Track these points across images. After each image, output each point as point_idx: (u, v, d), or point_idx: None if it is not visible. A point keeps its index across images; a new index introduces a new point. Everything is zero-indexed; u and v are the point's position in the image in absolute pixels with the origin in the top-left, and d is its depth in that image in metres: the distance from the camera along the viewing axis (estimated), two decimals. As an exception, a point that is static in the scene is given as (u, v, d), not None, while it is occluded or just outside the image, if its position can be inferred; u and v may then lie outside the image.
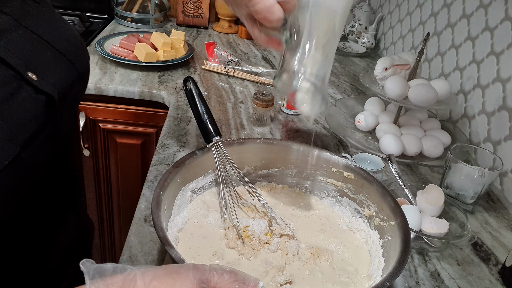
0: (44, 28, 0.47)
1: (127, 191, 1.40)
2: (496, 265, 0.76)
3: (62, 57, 0.48)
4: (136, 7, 1.66)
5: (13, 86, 0.39)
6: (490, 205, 0.92)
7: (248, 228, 0.65)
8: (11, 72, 0.39)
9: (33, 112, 0.41)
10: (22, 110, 0.40)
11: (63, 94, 0.46)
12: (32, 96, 0.41)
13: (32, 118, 0.41)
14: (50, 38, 0.47)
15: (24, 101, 0.40)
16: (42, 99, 0.42)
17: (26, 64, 0.41)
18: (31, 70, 0.42)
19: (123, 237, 1.48)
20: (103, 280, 0.38)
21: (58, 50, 0.47)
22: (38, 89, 0.42)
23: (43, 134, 0.43)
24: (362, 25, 1.76)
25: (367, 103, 1.19)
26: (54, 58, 0.47)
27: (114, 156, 1.34)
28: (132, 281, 0.39)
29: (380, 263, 0.62)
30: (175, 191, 0.66)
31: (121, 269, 0.40)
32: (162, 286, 0.40)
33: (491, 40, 1.07)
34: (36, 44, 0.45)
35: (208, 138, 0.71)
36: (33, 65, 0.42)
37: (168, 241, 0.53)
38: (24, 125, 0.40)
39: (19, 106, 0.39)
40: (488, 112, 1.05)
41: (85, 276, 0.38)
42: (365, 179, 0.71)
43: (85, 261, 0.38)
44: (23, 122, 0.40)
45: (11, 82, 0.39)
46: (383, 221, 0.67)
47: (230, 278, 0.43)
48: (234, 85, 1.30)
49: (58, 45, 0.48)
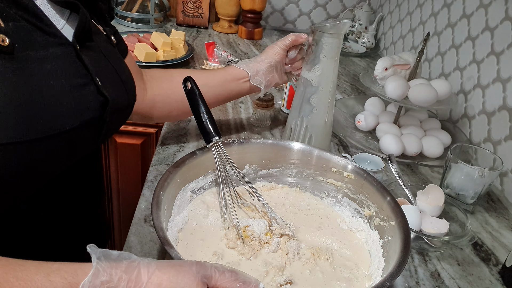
0: (115, 61, 0.63)
1: (127, 191, 1.40)
2: (496, 265, 0.76)
3: (121, 83, 0.62)
4: (136, 7, 1.66)
5: (85, 81, 0.53)
6: (490, 205, 0.92)
7: (248, 228, 0.65)
8: (85, 71, 0.53)
9: (93, 104, 0.53)
10: (87, 98, 0.53)
11: (115, 107, 0.58)
12: (94, 93, 0.54)
13: (92, 108, 0.53)
14: (117, 68, 0.62)
15: (89, 93, 0.53)
16: (101, 99, 0.55)
17: (96, 72, 0.55)
18: (98, 77, 0.55)
19: (123, 237, 1.48)
20: (108, 262, 0.41)
21: (120, 78, 0.62)
22: (99, 91, 0.54)
23: (94, 126, 0.55)
24: (362, 25, 1.76)
25: (367, 103, 1.19)
26: (116, 81, 0.61)
27: (114, 156, 1.34)
28: (136, 268, 0.41)
29: (380, 263, 0.62)
30: (175, 191, 0.66)
31: (126, 256, 0.42)
32: (165, 276, 0.42)
33: (491, 40, 1.07)
34: (107, 67, 0.60)
35: (208, 138, 0.70)
36: (101, 76, 0.56)
37: (168, 241, 0.53)
38: (86, 109, 0.52)
39: (85, 95, 0.52)
40: (488, 112, 1.05)
41: (92, 256, 0.41)
42: (365, 179, 0.71)
43: (92, 245, 0.42)
44: (86, 107, 0.52)
45: (84, 78, 0.53)
46: (383, 221, 0.67)
47: (231, 277, 0.44)
48: (234, 85, 1.30)
49: (121, 75, 0.63)
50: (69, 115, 0.50)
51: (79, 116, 0.51)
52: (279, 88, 1.31)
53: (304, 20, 1.87)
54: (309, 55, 0.85)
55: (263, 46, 1.65)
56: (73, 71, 0.52)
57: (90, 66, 0.54)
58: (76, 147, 0.54)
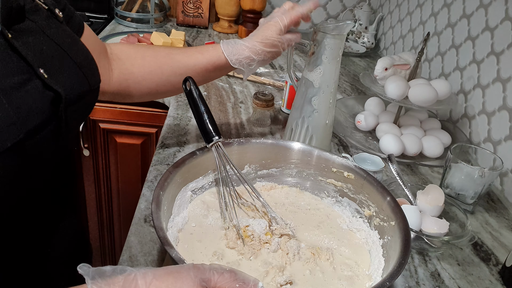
0: (65, 40, 0.52)
1: (127, 191, 1.40)
2: (496, 265, 0.76)
3: (77, 68, 0.52)
4: (136, 7, 1.66)
5: (24, 78, 0.43)
6: (490, 205, 0.92)
7: (248, 228, 0.65)
8: (24, 64, 0.43)
9: (39, 104, 0.44)
10: (29, 99, 0.43)
11: (72, 99, 0.49)
12: (40, 89, 0.44)
13: (38, 110, 0.44)
14: (69, 49, 0.51)
15: (32, 92, 0.43)
16: (50, 95, 0.45)
17: (40, 62, 0.45)
18: (43, 68, 0.45)
19: (123, 237, 1.48)
20: (104, 280, 0.38)
21: (75, 61, 0.52)
22: (47, 85, 0.45)
23: (47, 129, 0.46)
24: (362, 25, 1.76)
25: (367, 103, 1.19)
26: (69, 66, 0.51)
27: (114, 156, 1.34)
28: (133, 281, 0.39)
29: (380, 263, 0.62)
30: (175, 191, 0.66)
31: (120, 270, 0.40)
32: (163, 285, 0.40)
33: (491, 40, 1.06)
34: (55, 51, 0.49)
35: (208, 138, 0.70)
36: (46, 65, 0.46)
37: (168, 241, 0.53)
38: (29, 114, 0.42)
39: (27, 96, 0.43)
40: (488, 112, 1.05)
41: (86, 277, 0.38)
42: (365, 179, 0.71)
43: (82, 265, 0.39)
44: (29, 111, 0.42)
45: (23, 74, 0.43)
46: (383, 221, 0.67)
47: (230, 277, 0.43)
48: (234, 85, 1.30)
49: (75, 57, 0.52)
50: (6, 128, 0.40)
51: (22, 125, 0.42)
52: (279, 88, 1.31)
53: (304, 20, 1.87)
54: (311, 56, 0.84)
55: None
56: (6, 68, 0.42)
57: (29, 55, 0.44)
58: (31, 162, 0.45)
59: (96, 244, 1.50)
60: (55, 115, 0.46)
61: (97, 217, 1.46)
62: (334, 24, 0.82)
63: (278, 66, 1.49)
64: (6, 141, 0.40)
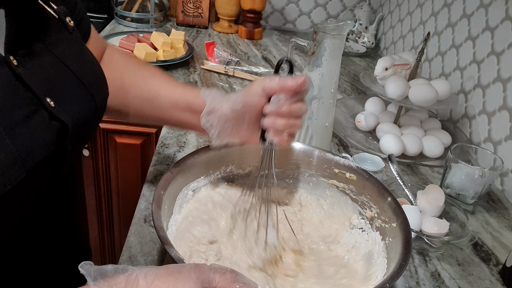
0: (73, 58, 0.49)
1: (127, 191, 1.39)
2: (497, 266, 0.76)
3: (85, 89, 0.49)
4: (135, 7, 1.66)
5: (30, 109, 0.40)
6: (491, 205, 0.92)
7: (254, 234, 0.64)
8: (30, 94, 0.40)
9: (45, 138, 0.41)
10: (34, 135, 0.40)
11: (78, 126, 0.47)
12: (46, 121, 0.42)
13: (43, 145, 0.41)
14: (76, 69, 0.48)
15: (38, 125, 0.40)
16: (56, 126, 0.43)
17: (46, 90, 0.42)
18: (50, 96, 0.43)
19: (123, 237, 1.48)
20: (106, 281, 0.38)
21: (82, 82, 0.49)
22: (54, 116, 0.42)
23: (50, 162, 0.43)
24: (362, 24, 1.76)
25: (367, 103, 1.19)
26: (76, 89, 0.48)
27: (114, 156, 1.33)
28: (135, 281, 0.39)
29: (381, 264, 0.62)
30: (176, 191, 0.66)
31: (122, 270, 0.40)
32: (165, 285, 0.40)
33: (491, 40, 1.06)
34: (61, 73, 0.46)
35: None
36: (53, 92, 0.43)
37: (168, 241, 0.53)
38: (33, 151, 0.40)
39: (32, 131, 0.40)
40: (488, 112, 1.05)
41: (87, 278, 0.38)
42: (367, 180, 0.71)
43: (84, 263, 0.38)
44: (33, 148, 0.40)
45: (29, 105, 0.40)
46: (385, 222, 0.67)
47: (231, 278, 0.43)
48: (234, 85, 1.30)
49: (83, 77, 0.49)
50: (7, 170, 0.37)
51: (23, 164, 0.38)
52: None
53: (304, 20, 1.87)
54: (311, 55, 0.84)
55: (263, 46, 1.65)
56: (11, 102, 0.38)
57: (36, 85, 0.41)
58: (30, 197, 0.43)
59: (95, 244, 1.50)
60: (60, 146, 0.44)
61: (96, 217, 1.46)
62: (334, 24, 0.82)
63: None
64: (6, 185, 0.38)
